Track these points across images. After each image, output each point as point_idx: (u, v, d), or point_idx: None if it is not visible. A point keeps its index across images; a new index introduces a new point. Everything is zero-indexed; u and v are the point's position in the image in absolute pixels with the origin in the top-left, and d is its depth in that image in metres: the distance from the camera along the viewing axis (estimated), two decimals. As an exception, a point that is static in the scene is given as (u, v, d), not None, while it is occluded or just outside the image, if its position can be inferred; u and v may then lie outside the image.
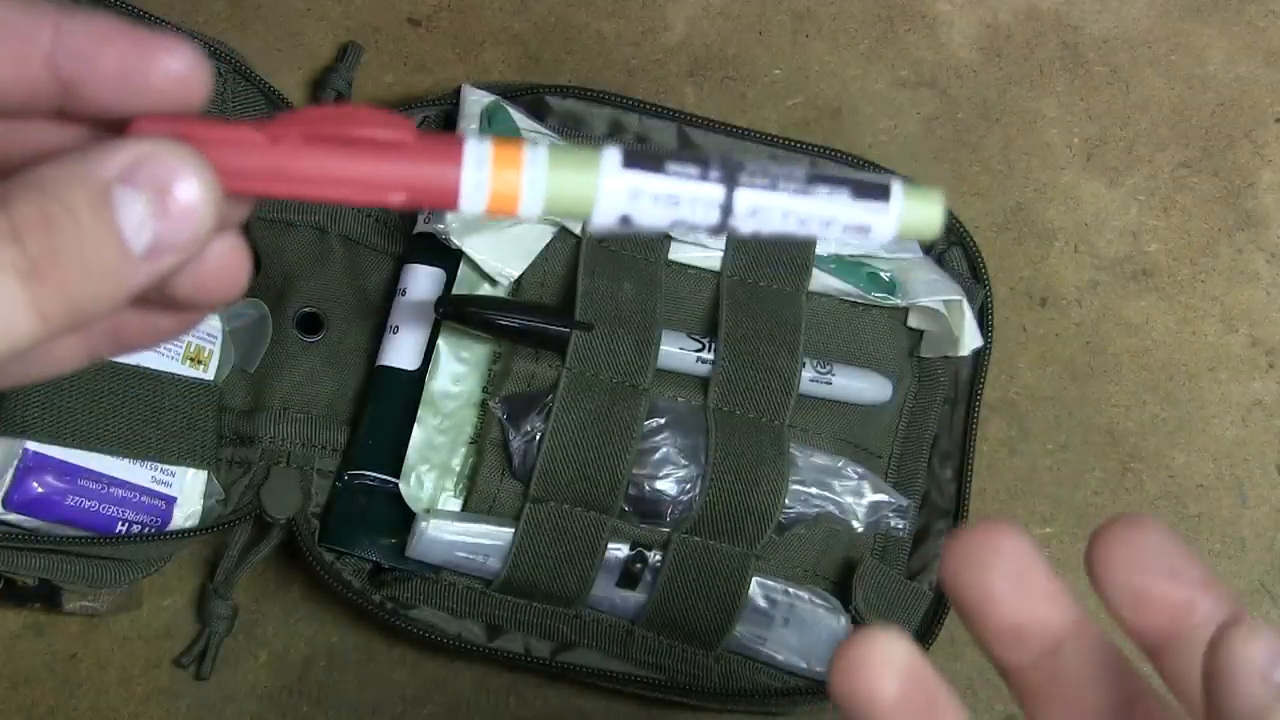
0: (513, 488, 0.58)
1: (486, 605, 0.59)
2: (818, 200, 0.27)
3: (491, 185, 0.26)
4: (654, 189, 0.27)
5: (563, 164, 0.27)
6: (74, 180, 0.23)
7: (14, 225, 0.22)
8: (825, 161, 0.64)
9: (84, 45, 0.24)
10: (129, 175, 0.23)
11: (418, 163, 0.26)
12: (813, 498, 0.59)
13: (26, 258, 0.22)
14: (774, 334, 0.59)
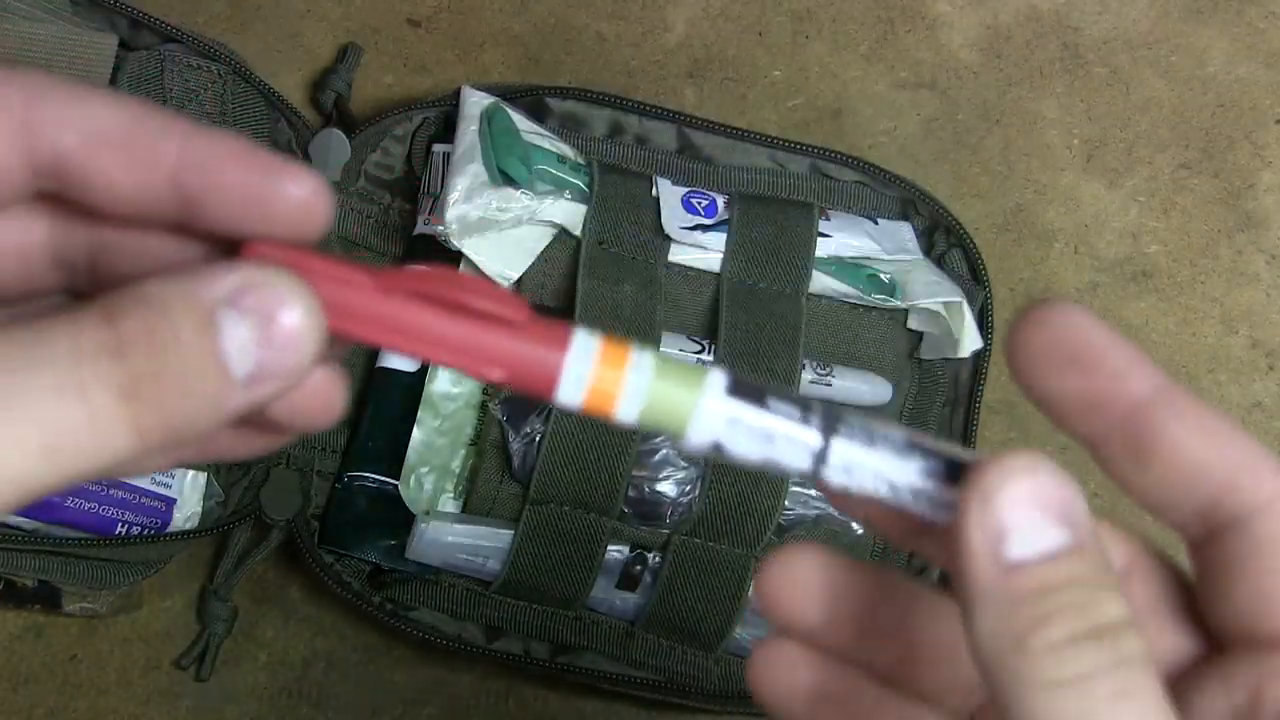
0: (512, 489, 0.58)
1: (486, 607, 0.59)
2: (911, 470, 0.26)
3: (592, 382, 0.26)
4: (752, 421, 0.26)
5: (667, 376, 0.26)
6: (181, 299, 0.23)
7: (119, 340, 0.22)
8: (827, 164, 0.64)
9: (209, 162, 0.24)
10: (236, 299, 0.23)
11: (523, 344, 0.26)
12: (812, 499, 0.59)
13: (129, 375, 0.22)
14: (774, 335, 0.59)
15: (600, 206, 0.59)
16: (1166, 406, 0.24)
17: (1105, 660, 0.22)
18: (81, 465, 0.22)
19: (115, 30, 0.61)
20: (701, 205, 0.61)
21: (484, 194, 0.57)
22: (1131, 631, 0.22)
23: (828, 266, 0.61)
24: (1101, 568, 0.23)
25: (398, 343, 0.26)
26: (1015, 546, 0.23)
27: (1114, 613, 0.23)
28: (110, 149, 0.24)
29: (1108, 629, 0.22)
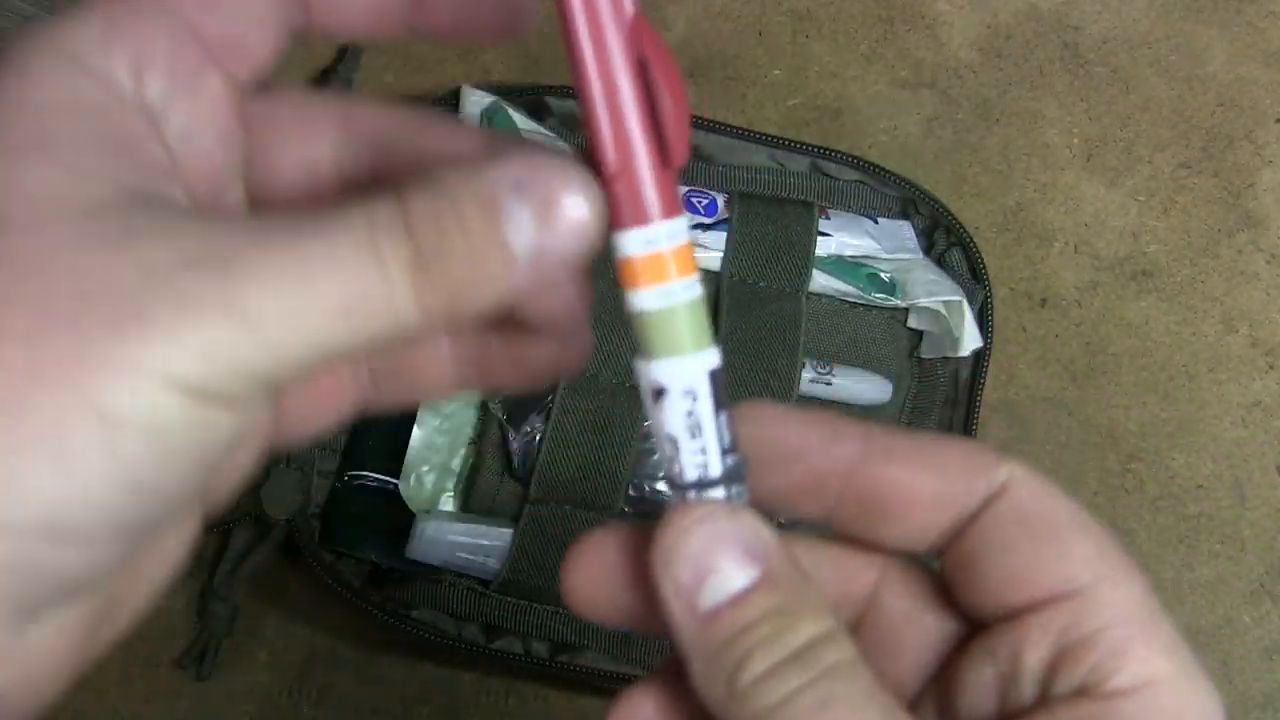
0: (512, 488, 0.58)
1: (486, 606, 0.59)
2: None
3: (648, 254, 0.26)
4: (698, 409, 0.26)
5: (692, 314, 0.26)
6: (466, 183, 0.23)
7: (409, 221, 0.23)
8: (827, 163, 0.64)
9: None
10: (520, 185, 0.24)
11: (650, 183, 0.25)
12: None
13: (419, 249, 0.23)
14: (774, 335, 0.59)
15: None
16: (875, 454, 0.26)
17: (806, 678, 0.23)
18: (373, 330, 0.23)
19: (115, 29, 0.61)
20: (701, 204, 0.61)
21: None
22: (830, 644, 0.24)
23: (828, 265, 0.61)
24: (794, 592, 0.24)
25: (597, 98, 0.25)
26: (705, 597, 0.24)
27: (810, 632, 0.24)
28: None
29: (804, 649, 0.23)
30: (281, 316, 0.22)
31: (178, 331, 0.21)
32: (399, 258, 0.22)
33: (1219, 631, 0.66)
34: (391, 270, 0.22)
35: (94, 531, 0.21)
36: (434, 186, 0.23)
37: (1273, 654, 0.66)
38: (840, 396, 0.61)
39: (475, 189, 0.23)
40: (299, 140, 0.27)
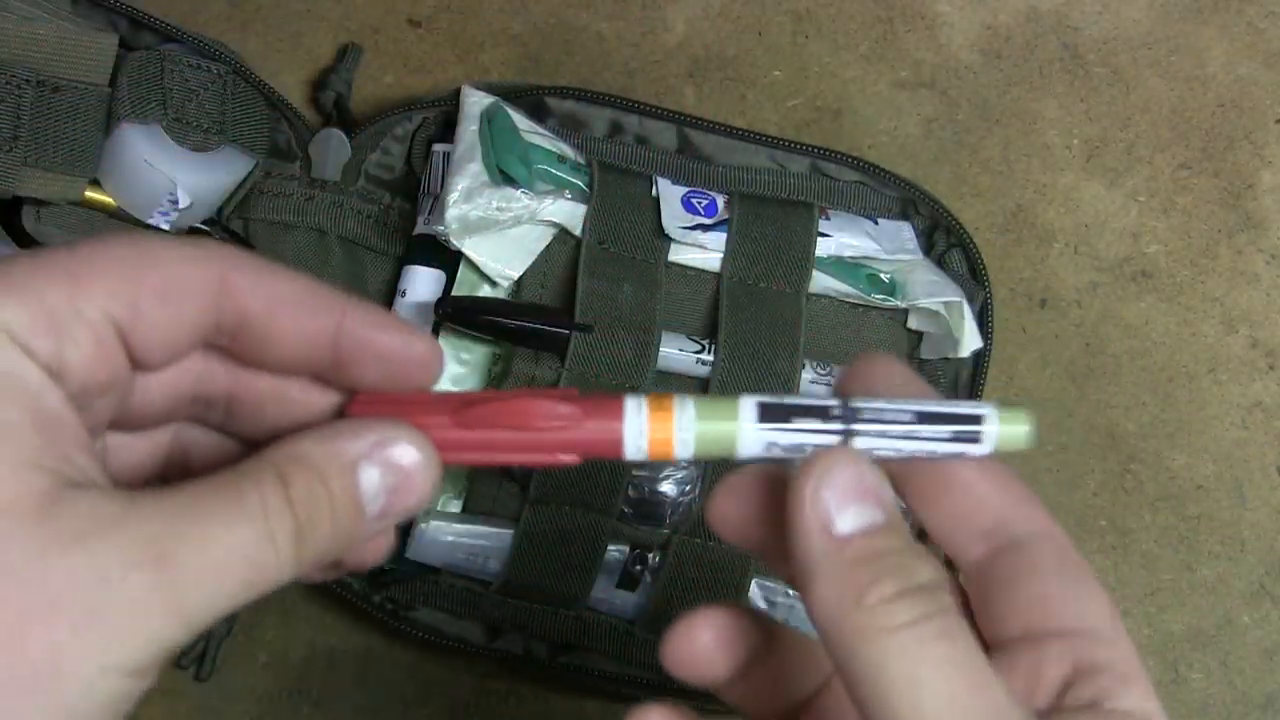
0: (512, 489, 0.58)
1: (486, 606, 0.59)
2: (923, 442, 0.31)
3: (650, 436, 0.32)
4: (784, 440, 0.31)
5: (708, 416, 0.32)
6: (332, 460, 0.29)
7: (291, 499, 0.28)
8: (827, 164, 0.64)
9: (363, 330, 0.31)
10: (371, 453, 0.30)
11: (585, 431, 0.32)
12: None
13: (299, 524, 0.29)
14: (774, 335, 0.59)
15: (600, 206, 0.60)
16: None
17: (929, 609, 0.27)
18: (262, 591, 0.28)
19: (116, 30, 0.61)
20: (701, 205, 0.61)
21: (484, 194, 0.57)
22: (944, 589, 0.28)
23: (828, 266, 0.61)
24: (910, 540, 0.29)
25: (483, 460, 0.33)
26: (842, 522, 0.28)
27: (929, 574, 0.28)
28: (289, 313, 0.31)
29: (926, 586, 0.28)
30: (203, 604, 0.27)
31: (130, 632, 0.27)
32: (286, 533, 0.28)
33: (1219, 632, 0.66)
34: (281, 545, 0.28)
35: None
36: (306, 460, 0.29)
37: (1273, 655, 0.66)
38: (840, 397, 0.61)
39: (338, 463, 0.29)
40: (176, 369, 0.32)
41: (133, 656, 0.27)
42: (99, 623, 0.26)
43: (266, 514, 0.28)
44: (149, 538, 0.27)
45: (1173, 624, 0.66)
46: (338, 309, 0.31)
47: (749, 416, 0.31)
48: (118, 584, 0.27)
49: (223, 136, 0.61)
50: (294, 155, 0.63)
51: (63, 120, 0.57)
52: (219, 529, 0.28)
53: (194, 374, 0.33)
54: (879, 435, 0.31)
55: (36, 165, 0.57)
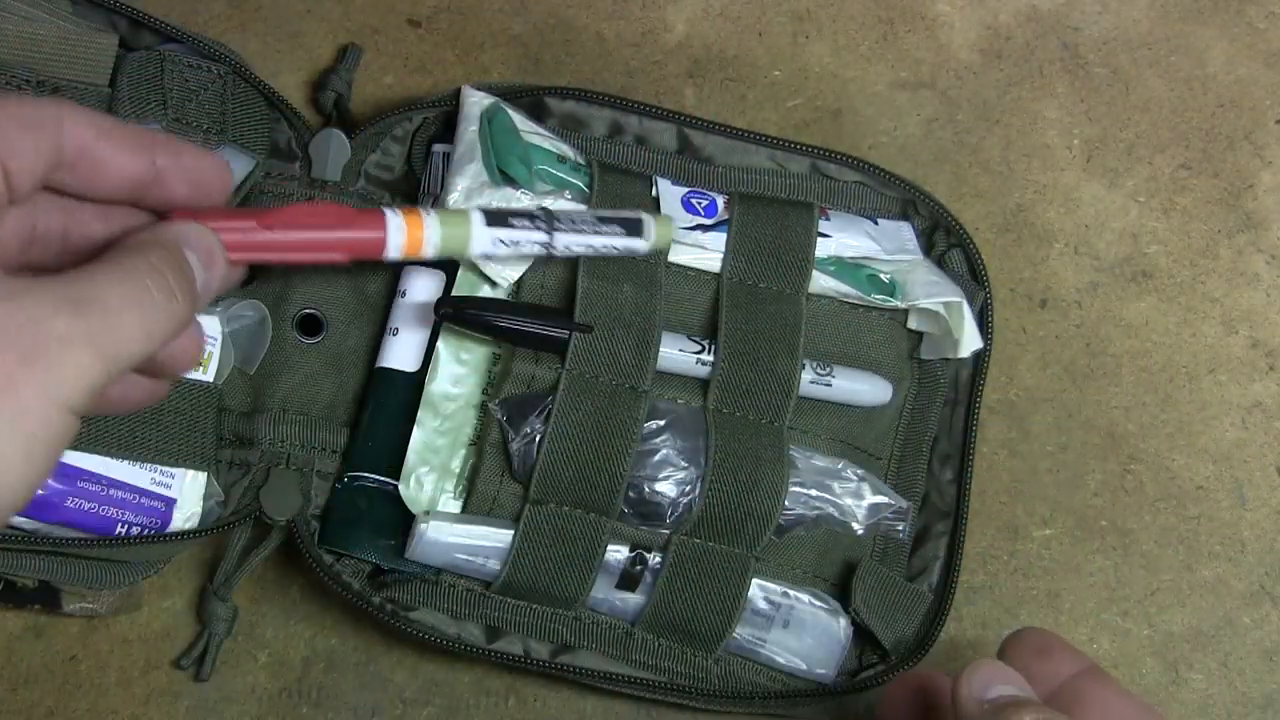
0: (512, 489, 0.58)
1: (486, 607, 0.59)
2: (604, 237, 0.50)
3: (405, 240, 0.44)
4: (505, 235, 0.47)
5: (448, 223, 0.46)
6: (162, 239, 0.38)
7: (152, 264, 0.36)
8: (827, 164, 0.64)
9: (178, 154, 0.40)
10: (192, 241, 0.39)
11: (355, 233, 0.43)
12: (813, 500, 0.59)
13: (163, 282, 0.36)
14: (774, 336, 0.59)
15: (600, 207, 0.59)
16: None
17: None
18: (158, 343, 0.36)
19: (115, 30, 0.61)
20: (701, 205, 0.61)
21: (484, 194, 0.57)
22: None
23: (828, 266, 0.61)
24: (1041, 707, 0.41)
25: (280, 256, 0.43)
26: (988, 694, 0.42)
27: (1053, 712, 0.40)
28: (115, 143, 0.39)
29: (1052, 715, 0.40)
30: (115, 344, 0.34)
31: (63, 367, 0.33)
32: (159, 290, 0.36)
33: (1219, 632, 0.66)
34: (157, 300, 0.36)
35: None
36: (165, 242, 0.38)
37: (1273, 655, 0.66)
38: (840, 397, 0.61)
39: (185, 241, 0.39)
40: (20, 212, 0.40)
41: (68, 391, 0.33)
42: (41, 358, 0.32)
43: (139, 275, 0.36)
44: (61, 296, 0.34)
45: (1173, 624, 0.66)
46: (151, 137, 0.40)
47: (479, 221, 0.46)
48: (47, 325, 0.33)
49: (223, 137, 0.61)
50: (294, 155, 0.63)
51: (62, 121, 0.57)
52: (111, 286, 0.35)
53: (34, 214, 0.40)
54: (573, 232, 0.48)
55: (36, 165, 0.57)
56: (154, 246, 0.37)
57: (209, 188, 0.42)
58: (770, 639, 0.60)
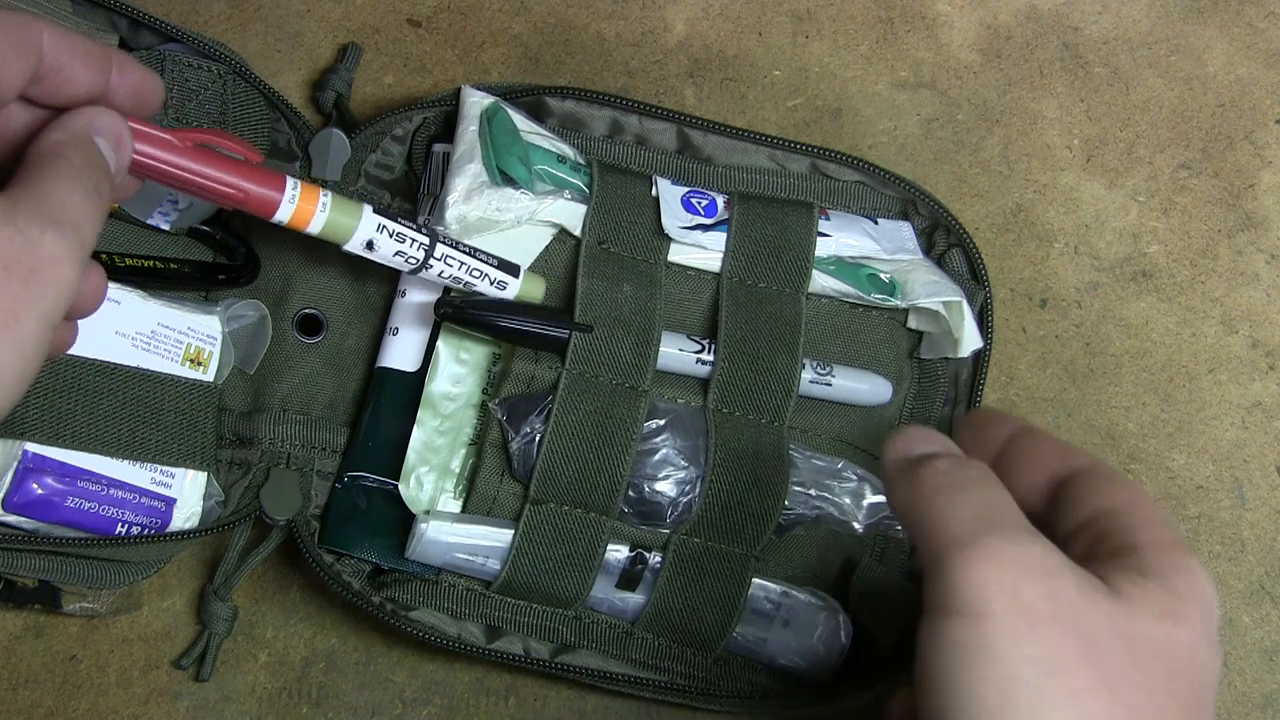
0: (512, 489, 0.58)
1: (486, 607, 0.59)
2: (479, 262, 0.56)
3: (294, 210, 0.51)
4: (391, 226, 0.54)
5: (340, 207, 0.53)
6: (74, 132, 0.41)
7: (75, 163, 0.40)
8: (827, 164, 0.64)
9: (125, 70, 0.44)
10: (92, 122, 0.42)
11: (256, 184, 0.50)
12: (812, 499, 0.59)
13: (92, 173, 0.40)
14: (774, 335, 0.59)
15: (600, 206, 0.59)
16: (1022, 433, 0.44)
17: (969, 474, 0.40)
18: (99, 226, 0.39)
19: (116, 30, 0.61)
20: (701, 205, 0.61)
21: (484, 194, 0.57)
22: (986, 471, 0.40)
23: (828, 266, 0.61)
24: (964, 458, 0.42)
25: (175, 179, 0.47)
26: (909, 453, 0.42)
27: (974, 464, 0.41)
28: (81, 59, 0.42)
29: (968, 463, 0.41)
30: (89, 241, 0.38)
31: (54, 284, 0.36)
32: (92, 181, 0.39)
33: (1219, 632, 0.66)
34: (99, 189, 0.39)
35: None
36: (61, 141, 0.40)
37: (1272, 655, 0.66)
38: (840, 397, 0.61)
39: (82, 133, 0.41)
40: None
41: (57, 309, 0.36)
42: (39, 281, 0.36)
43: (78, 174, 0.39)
44: (41, 214, 0.37)
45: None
46: (107, 53, 0.44)
47: (368, 210, 0.53)
48: (40, 246, 0.36)
49: (223, 136, 0.61)
50: (294, 155, 0.63)
51: (62, 120, 0.57)
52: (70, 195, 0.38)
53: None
54: (452, 248, 0.55)
55: (36, 165, 0.57)
56: (78, 138, 0.41)
57: (147, 101, 0.46)
58: (770, 638, 0.60)
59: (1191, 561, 0.38)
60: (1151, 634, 0.36)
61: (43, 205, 0.37)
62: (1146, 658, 0.36)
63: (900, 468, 0.42)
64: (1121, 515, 0.39)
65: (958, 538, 0.37)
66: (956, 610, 0.36)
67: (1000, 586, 0.36)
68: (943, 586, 0.37)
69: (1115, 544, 0.39)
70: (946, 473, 0.40)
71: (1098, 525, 0.40)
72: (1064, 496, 0.42)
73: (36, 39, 0.41)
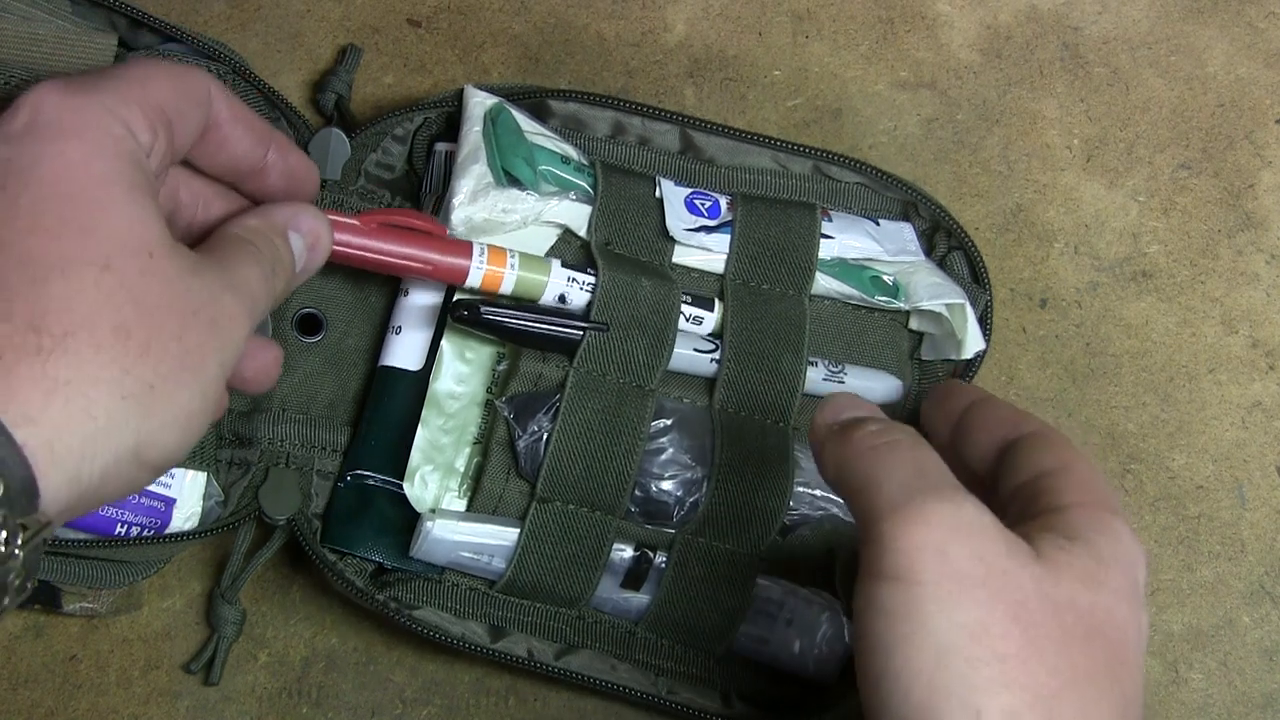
0: (518, 488, 0.57)
1: (489, 606, 0.59)
2: None
3: (485, 272, 0.55)
4: (581, 279, 0.57)
5: (529, 266, 0.56)
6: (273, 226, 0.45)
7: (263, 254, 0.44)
8: (829, 165, 0.64)
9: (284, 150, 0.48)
10: (292, 220, 0.46)
11: (444, 255, 0.54)
12: (817, 500, 0.59)
13: (275, 263, 0.44)
14: (779, 336, 0.59)
15: (605, 208, 0.59)
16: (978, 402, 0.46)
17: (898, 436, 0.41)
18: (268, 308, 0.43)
19: (115, 29, 0.61)
20: (705, 206, 0.61)
21: (489, 195, 0.57)
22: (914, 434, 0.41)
23: (831, 268, 0.61)
24: (892, 422, 0.42)
25: (368, 259, 0.53)
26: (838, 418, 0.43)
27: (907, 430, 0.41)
28: (243, 125, 0.46)
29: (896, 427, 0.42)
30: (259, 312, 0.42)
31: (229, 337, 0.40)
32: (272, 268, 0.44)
33: (1219, 632, 0.66)
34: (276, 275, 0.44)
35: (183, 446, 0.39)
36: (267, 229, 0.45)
37: (1273, 655, 0.66)
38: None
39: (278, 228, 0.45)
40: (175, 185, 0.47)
41: (229, 358, 0.40)
42: (220, 333, 0.39)
43: (260, 260, 0.43)
44: (224, 279, 0.40)
45: (1173, 624, 0.66)
46: (269, 129, 0.47)
47: (557, 267, 0.56)
48: (222, 302, 0.40)
49: (223, 136, 0.61)
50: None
51: (62, 119, 0.57)
52: (250, 269, 0.42)
53: (176, 182, 0.46)
54: None
55: (36, 165, 0.57)
56: (271, 231, 0.44)
57: (301, 188, 0.49)
58: (773, 638, 0.60)
59: (1114, 522, 0.39)
60: (1074, 598, 0.37)
61: (225, 273, 0.41)
62: (1070, 621, 0.37)
63: (830, 431, 0.42)
64: (1054, 477, 0.41)
65: (890, 499, 0.38)
66: (889, 575, 0.37)
67: (930, 551, 0.37)
68: (876, 549, 0.37)
69: (1044, 504, 0.40)
70: (876, 434, 0.41)
71: (1031, 487, 0.41)
72: (1006, 460, 0.43)
73: (205, 94, 0.43)
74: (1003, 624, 0.36)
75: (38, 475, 0.34)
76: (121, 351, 0.36)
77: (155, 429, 0.37)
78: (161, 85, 0.41)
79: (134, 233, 0.38)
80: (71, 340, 0.35)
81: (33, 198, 0.37)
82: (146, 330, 0.37)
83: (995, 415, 0.45)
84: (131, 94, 0.40)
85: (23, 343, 0.34)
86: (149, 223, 0.38)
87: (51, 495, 0.35)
